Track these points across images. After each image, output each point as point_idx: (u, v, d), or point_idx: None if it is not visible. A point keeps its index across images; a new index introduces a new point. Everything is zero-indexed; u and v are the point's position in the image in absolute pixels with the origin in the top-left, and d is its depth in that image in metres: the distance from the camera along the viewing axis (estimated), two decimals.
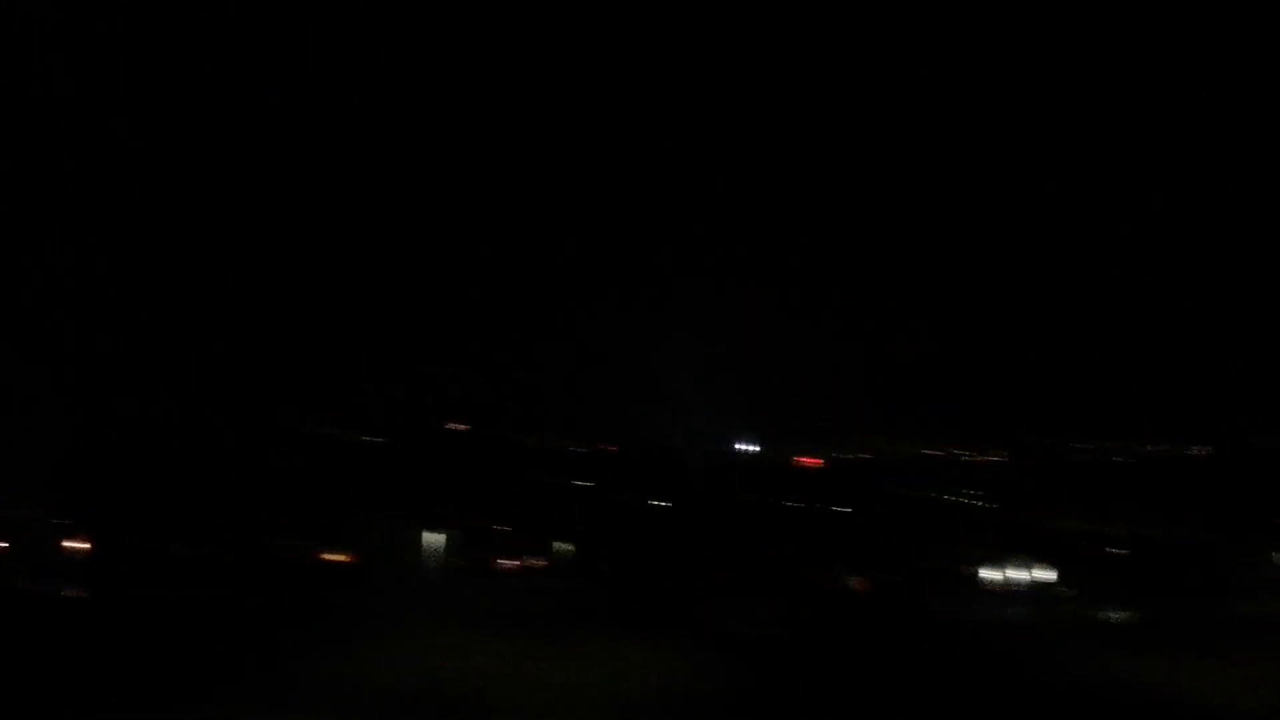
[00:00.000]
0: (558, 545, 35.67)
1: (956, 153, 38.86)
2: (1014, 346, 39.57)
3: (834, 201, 39.13)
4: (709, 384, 36.60)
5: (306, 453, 36.62)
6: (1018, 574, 37.08)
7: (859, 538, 37.21)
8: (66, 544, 34.09)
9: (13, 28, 34.81)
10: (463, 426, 37.77)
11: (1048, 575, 36.83)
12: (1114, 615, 35.18)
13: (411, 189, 37.75)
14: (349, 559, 34.31)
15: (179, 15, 35.85)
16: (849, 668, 26.88)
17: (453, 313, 37.91)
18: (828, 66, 38.45)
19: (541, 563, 35.70)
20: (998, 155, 38.88)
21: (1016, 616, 34.76)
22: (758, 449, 38.53)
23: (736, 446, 38.24)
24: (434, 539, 34.71)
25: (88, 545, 34.94)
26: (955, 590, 36.31)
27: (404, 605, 30.28)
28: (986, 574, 37.16)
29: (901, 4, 38.68)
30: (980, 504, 39.40)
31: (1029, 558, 36.98)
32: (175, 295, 37.20)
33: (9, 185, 35.00)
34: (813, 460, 39.52)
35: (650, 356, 36.58)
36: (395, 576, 33.31)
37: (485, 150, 38.07)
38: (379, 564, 33.71)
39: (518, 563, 35.40)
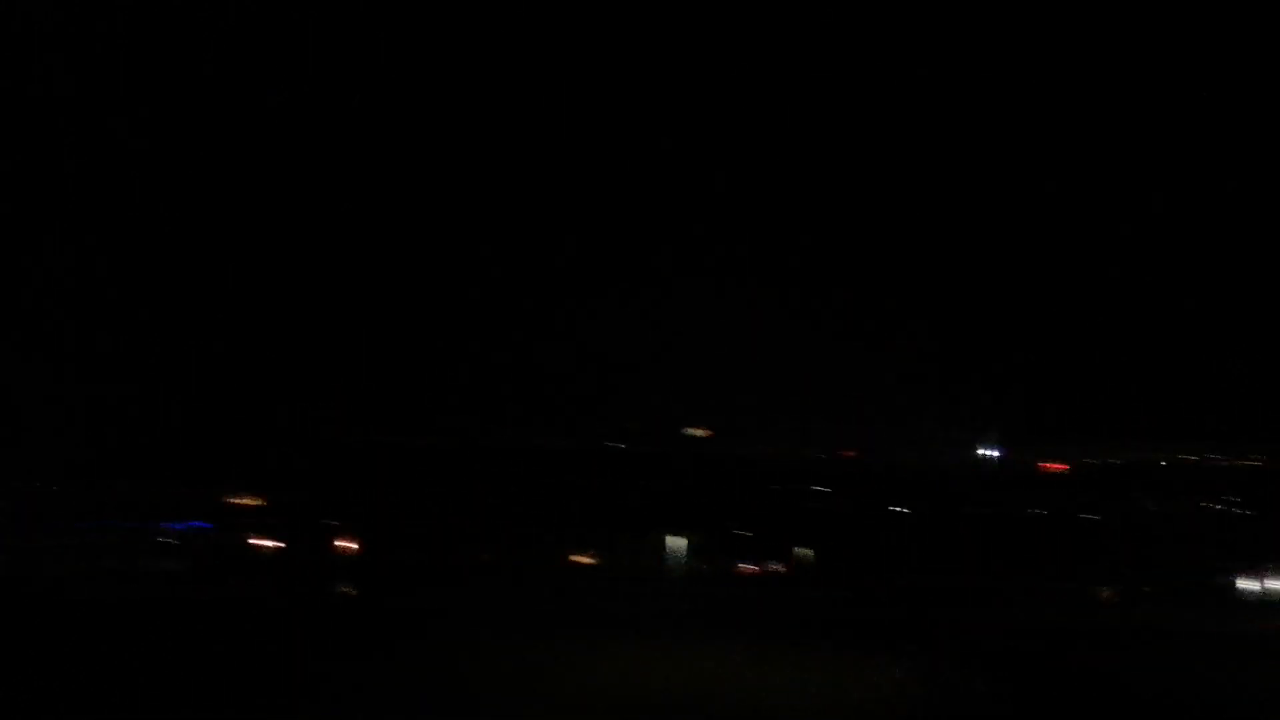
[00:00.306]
0: (799, 551, 35.96)
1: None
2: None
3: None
4: (948, 388, 36.33)
5: (553, 459, 37.89)
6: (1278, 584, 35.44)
7: (1108, 546, 36.22)
8: (339, 543, 36.56)
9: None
10: (703, 433, 38.36)
11: None
12: None
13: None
14: (594, 561, 35.50)
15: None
16: (1098, 682, 26.28)
17: (687, 321, 38.62)
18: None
19: (782, 568, 36.07)
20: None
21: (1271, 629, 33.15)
22: (1000, 454, 37.91)
23: (979, 452, 37.72)
24: (677, 543, 35.48)
25: (356, 546, 37.38)
26: (1210, 601, 34.95)
27: (647, 608, 30.91)
28: (1244, 584, 35.62)
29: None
30: (1237, 511, 37.70)
31: None
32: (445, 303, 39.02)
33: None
34: (1058, 465, 38.61)
35: (885, 361, 36.58)
36: (639, 579, 34.21)
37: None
38: (623, 567, 34.72)
39: (758, 568, 35.87)
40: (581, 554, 35.02)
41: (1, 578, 34.46)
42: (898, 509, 37.11)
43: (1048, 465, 38.54)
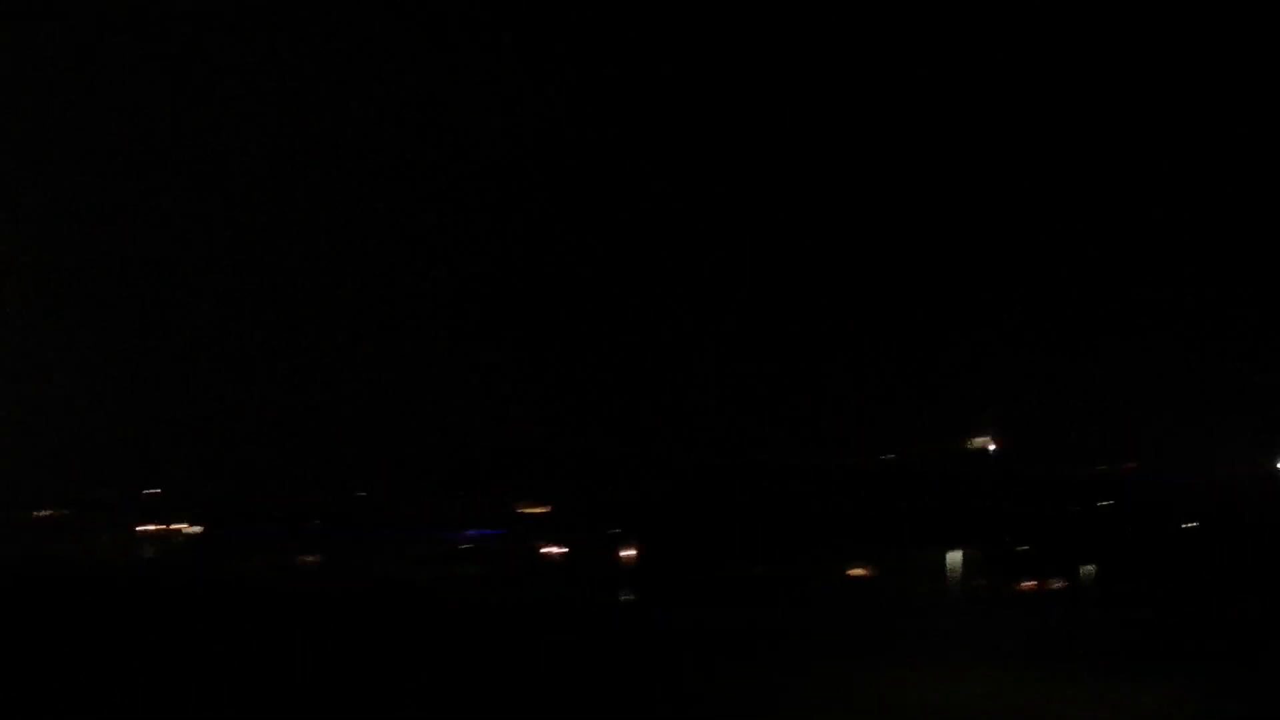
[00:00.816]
0: (1082, 568, 35.05)
1: None
2: None
3: None
4: (1232, 397, 34.72)
5: (833, 477, 38.23)
6: None
7: None
8: (622, 553, 38.17)
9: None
10: (986, 445, 37.76)
11: None
12: None
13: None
14: (869, 573, 35.72)
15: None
16: None
17: (965, 334, 38.35)
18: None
19: (1061, 584, 35.27)
20: None
21: None
22: None
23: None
24: (955, 557, 35.22)
25: (635, 553, 38.86)
26: None
27: (925, 624, 30.64)
28: None
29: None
30: None
31: None
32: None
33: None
34: None
35: (1169, 371, 35.32)
36: (914, 594, 34.15)
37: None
38: (899, 581, 34.77)
39: (1036, 584, 35.19)
40: (859, 568, 35.25)
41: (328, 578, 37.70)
42: (1187, 523, 35.64)
43: None
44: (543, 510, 41.77)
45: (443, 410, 41.01)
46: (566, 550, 39.87)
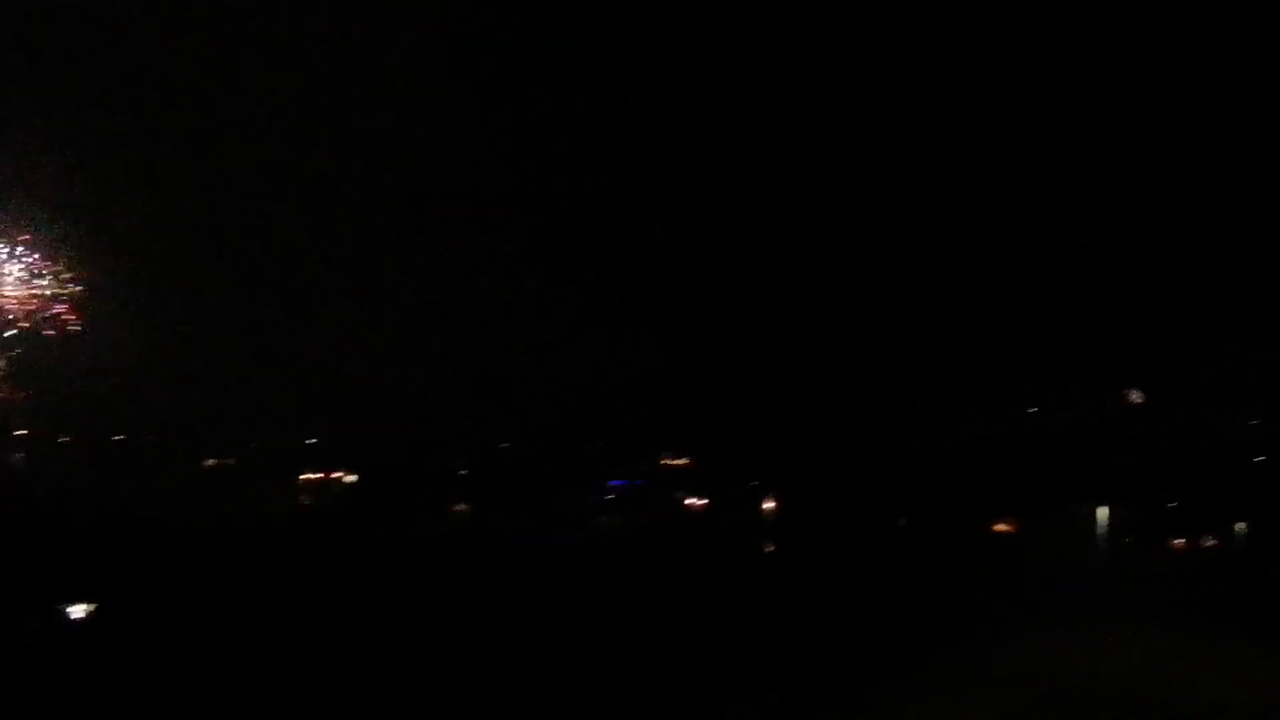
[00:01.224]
0: (1236, 526, 34.09)
1: None
2: None
3: None
4: None
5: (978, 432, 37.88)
6: None
7: None
8: (769, 506, 38.65)
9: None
10: (1142, 399, 36.81)
11: None
12: None
13: None
14: (1013, 529, 35.39)
15: None
16: None
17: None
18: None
19: (1212, 542, 34.46)
20: None
21: None
22: None
23: None
24: (1103, 514, 34.59)
25: (775, 505, 39.26)
26: None
27: (1070, 582, 30.16)
28: None
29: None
30: None
31: None
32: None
33: None
34: None
35: None
36: (1060, 550, 33.65)
37: None
38: (1045, 537, 34.34)
39: (1185, 542, 34.45)
40: (1003, 524, 34.92)
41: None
42: None
43: None
44: (684, 463, 42.33)
45: (586, 364, 41.69)
46: (708, 502, 40.39)
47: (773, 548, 38.04)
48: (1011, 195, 38.86)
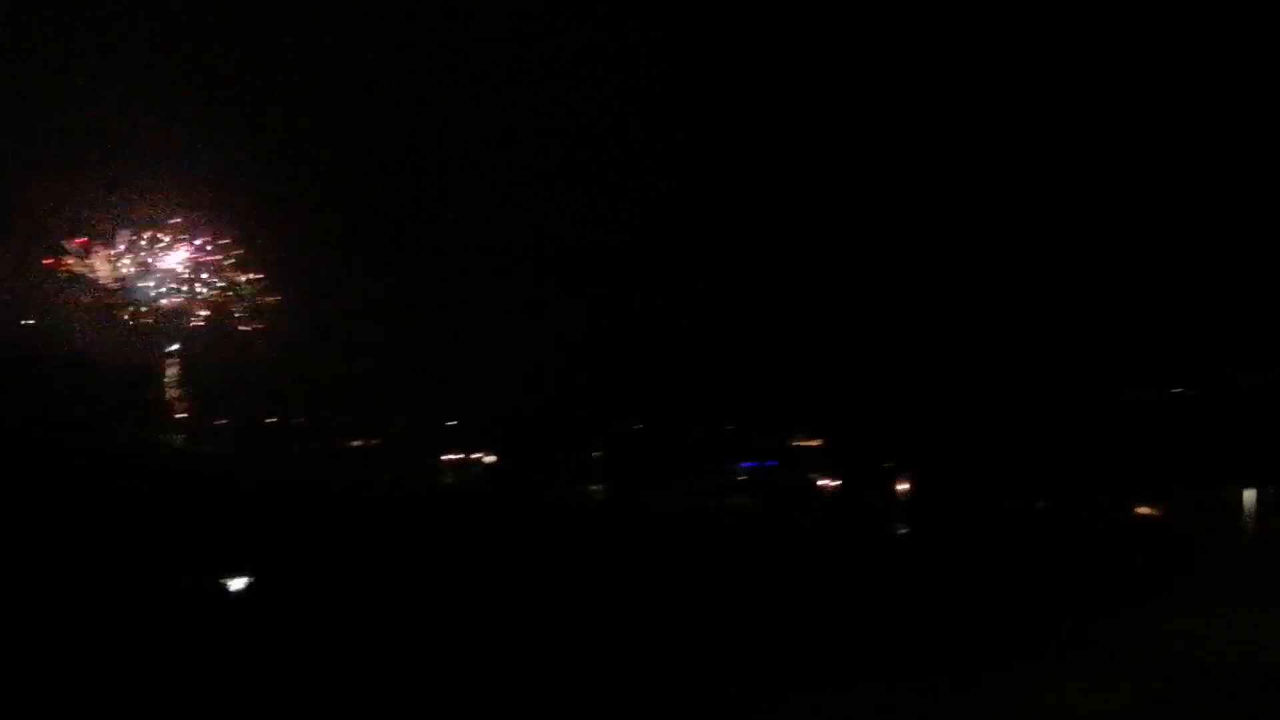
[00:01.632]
0: None
1: None
2: None
3: None
4: None
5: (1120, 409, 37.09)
6: None
7: None
8: (897, 487, 38.45)
9: None
10: None
11: None
12: None
13: None
14: (1158, 513, 34.62)
15: None
16: None
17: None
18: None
19: None
20: None
21: None
22: None
23: None
24: (1250, 496, 33.69)
25: (910, 486, 38.96)
26: None
27: (1216, 567, 29.48)
28: None
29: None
30: None
31: None
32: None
33: None
34: None
35: None
36: (1207, 535, 32.89)
37: None
38: (1189, 521, 33.58)
39: None
40: (1147, 506, 34.22)
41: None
42: None
43: None
44: (816, 443, 42.30)
45: (719, 343, 41.99)
46: (841, 483, 40.33)
47: (906, 530, 37.86)
48: (1146, 174, 38.05)
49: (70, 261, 40.43)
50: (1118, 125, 38.67)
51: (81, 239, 40.34)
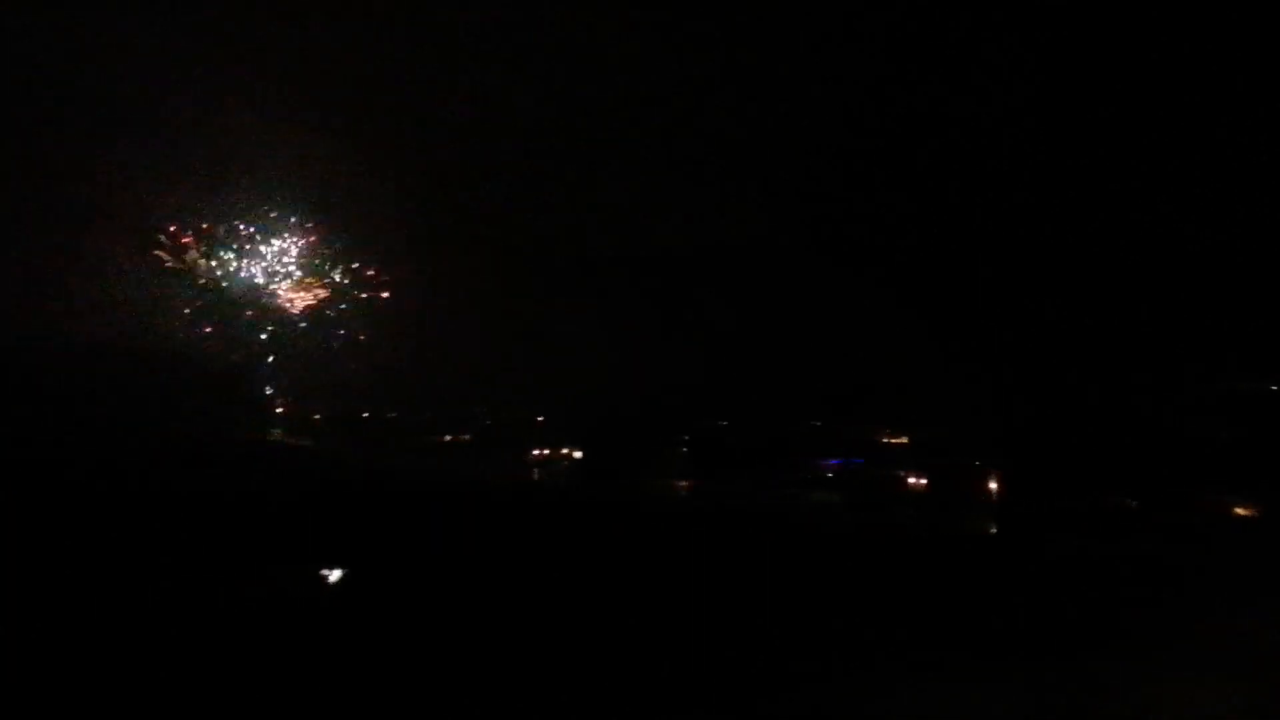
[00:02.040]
0: None
1: None
2: None
3: None
4: None
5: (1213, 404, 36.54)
6: None
7: None
8: (990, 485, 38.26)
9: None
10: None
11: None
12: None
13: None
14: (1254, 514, 34.04)
15: None
16: None
17: None
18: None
19: None
20: None
21: None
22: None
23: None
24: None
25: (998, 484, 38.73)
26: None
27: None
28: None
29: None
30: None
31: None
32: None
33: None
34: None
35: None
36: None
37: None
38: None
39: None
40: (1243, 506, 33.70)
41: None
42: None
43: None
44: (902, 440, 42.24)
45: (805, 341, 42.13)
46: (928, 480, 40.19)
47: (995, 529, 37.63)
48: (1253, 170, 37.51)
49: (170, 256, 41.56)
50: (1229, 126, 38.24)
51: (187, 236, 41.50)
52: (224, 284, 41.67)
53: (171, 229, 41.14)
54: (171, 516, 27.70)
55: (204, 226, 41.28)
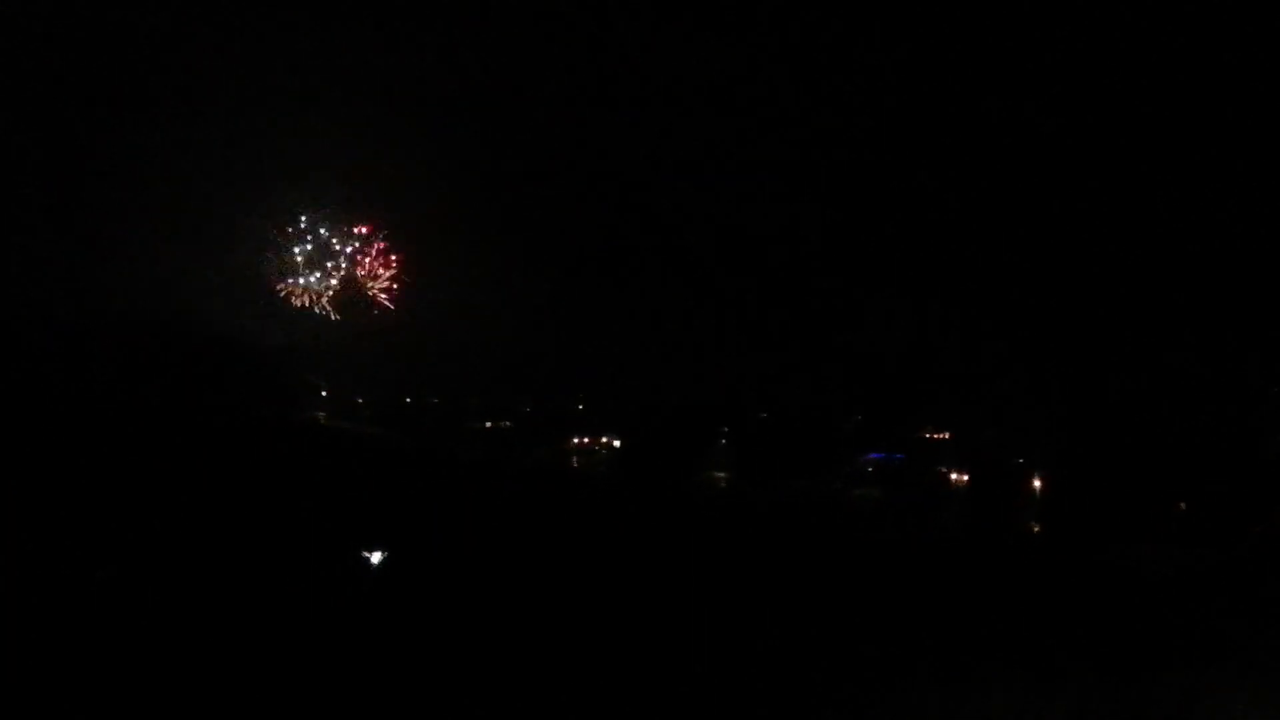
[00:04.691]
0: None
1: None
2: None
3: None
4: None
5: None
6: None
7: None
8: (1034, 483, 37.90)
9: None
10: None
11: None
12: None
13: None
14: None
15: None
16: None
17: None
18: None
19: None
20: None
21: None
22: None
23: None
24: None
25: (1040, 485, 38.34)
26: None
27: None
28: None
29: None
30: None
31: None
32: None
33: None
34: None
35: None
36: None
37: None
38: None
39: None
40: None
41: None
42: None
43: None
44: (945, 436, 41.89)
45: (850, 336, 41.96)
46: (970, 477, 39.85)
47: (1038, 528, 37.26)
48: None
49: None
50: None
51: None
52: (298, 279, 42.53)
53: (289, 229, 42.19)
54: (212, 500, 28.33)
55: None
